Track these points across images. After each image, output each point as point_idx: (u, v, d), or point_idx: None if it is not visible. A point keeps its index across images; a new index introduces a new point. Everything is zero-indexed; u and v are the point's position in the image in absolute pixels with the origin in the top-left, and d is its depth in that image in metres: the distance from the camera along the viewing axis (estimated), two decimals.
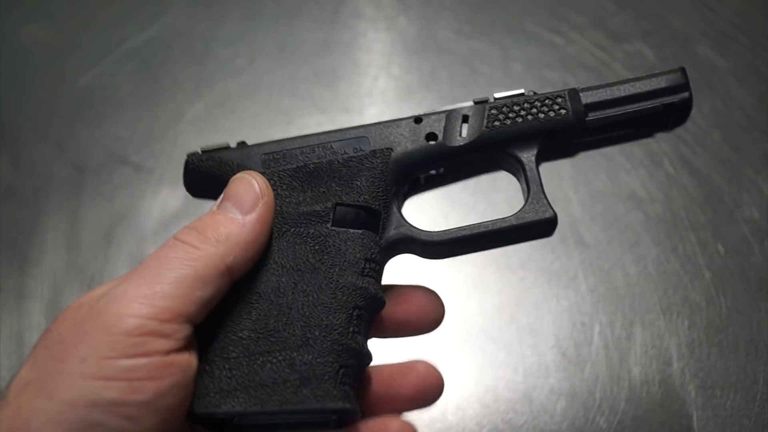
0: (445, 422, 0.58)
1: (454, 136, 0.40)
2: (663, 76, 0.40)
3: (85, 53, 0.80)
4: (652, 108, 0.40)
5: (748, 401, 0.58)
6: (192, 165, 0.41)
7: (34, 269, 0.67)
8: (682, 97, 0.40)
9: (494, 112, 0.40)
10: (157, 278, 0.33)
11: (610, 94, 0.40)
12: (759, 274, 0.63)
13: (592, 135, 0.41)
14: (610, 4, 0.82)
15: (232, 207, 0.37)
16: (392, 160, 0.40)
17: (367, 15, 0.83)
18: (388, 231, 0.39)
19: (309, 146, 0.40)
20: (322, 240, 0.38)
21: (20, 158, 0.73)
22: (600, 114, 0.40)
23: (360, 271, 0.37)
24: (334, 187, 0.39)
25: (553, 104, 0.40)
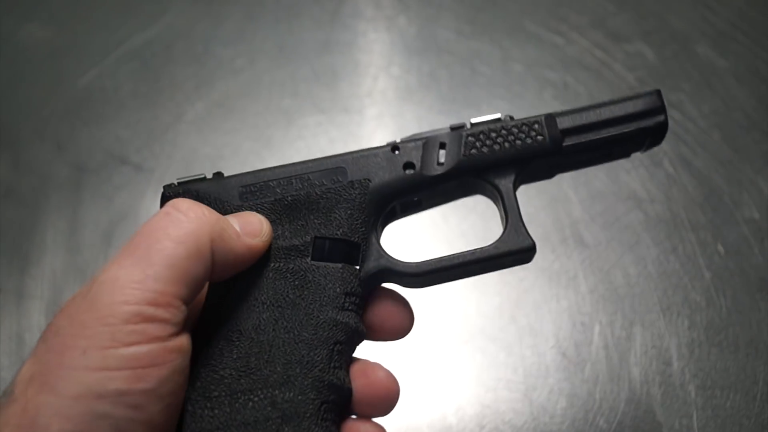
0: (445, 422, 0.58)
1: (431, 165, 0.40)
2: (639, 100, 0.41)
3: (85, 53, 0.80)
4: (628, 132, 0.40)
5: (748, 401, 0.58)
6: (168, 198, 0.40)
7: (34, 269, 0.67)
8: (658, 120, 0.41)
9: (471, 140, 0.40)
10: (148, 259, 0.33)
11: (586, 119, 0.41)
12: (759, 274, 0.63)
13: (568, 158, 0.41)
14: (610, 4, 0.82)
15: (235, 222, 0.37)
16: (370, 191, 0.39)
17: (367, 15, 0.83)
18: (368, 263, 0.39)
19: (286, 178, 0.40)
20: (302, 275, 0.37)
21: (20, 158, 0.73)
22: (576, 139, 0.40)
23: (340, 306, 0.37)
24: (313, 220, 0.39)
25: (530, 131, 0.40)
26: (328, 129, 0.74)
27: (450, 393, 0.59)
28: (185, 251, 0.33)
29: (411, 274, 0.39)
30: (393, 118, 0.75)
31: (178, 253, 0.33)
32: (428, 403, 0.59)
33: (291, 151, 0.73)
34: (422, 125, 0.74)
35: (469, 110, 0.74)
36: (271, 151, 0.73)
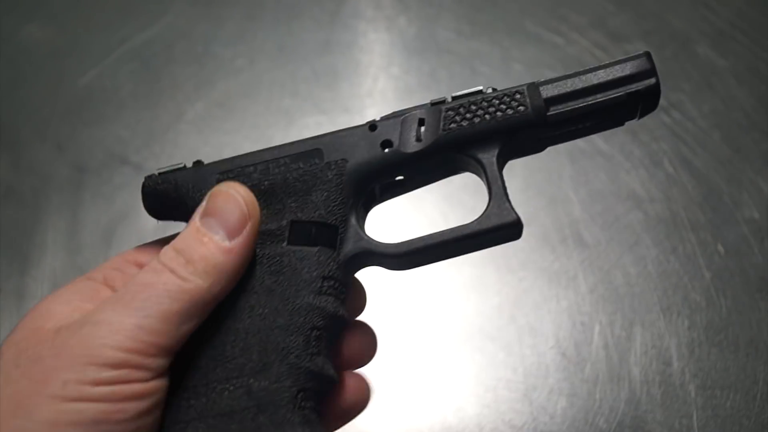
0: (445, 422, 0.58)
1: (410, 142, 0.38)
2: (627, 63, 0.38)
3: (85, 53, 0.80)
4: (616, 98, 0.38)
5: (748, 401, 0.58)
6: (148, 188, 0.39)
7: (34, 270, 0.67)
8: (648, 84, 0.38)
9: (451, 114, 0.39)
10: (144, 309, 0.33)
11: (571, 86, 0.38)
12: (759, 274, 0.63)
13: (555, 129, 0.39)
14: (610, 4, 0.82)
15: (217, 226, 0.36)
16: (347, 172, 0.38)
17: (367, 15, 0.83)
18: (346, 245, 0.38)
19: (262, 162, 0.39)
20: (278, 260, 0.37)
21: (20, 159, 0.73)
22: (562, 108, 0.38)
23: (317, 290, 0.36)
24: (290, 204, 0.38)
25: (512, 101, 0.38)
26: (328, 129, 0.74)
27: (450, 393, 0.59)
28: (182, 308, 0.33)
29: (391, 254, 0.38)
30: None
31: (174, 309, 0.33)
32: (428, 403, 0.59)
33: None
34: None
35: None
36: None
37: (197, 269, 0.34)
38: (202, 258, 0.34)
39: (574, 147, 0.71)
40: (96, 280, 0.38)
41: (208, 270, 0.34)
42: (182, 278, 0.34)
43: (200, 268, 0.34)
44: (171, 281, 0.34)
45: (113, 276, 0.38)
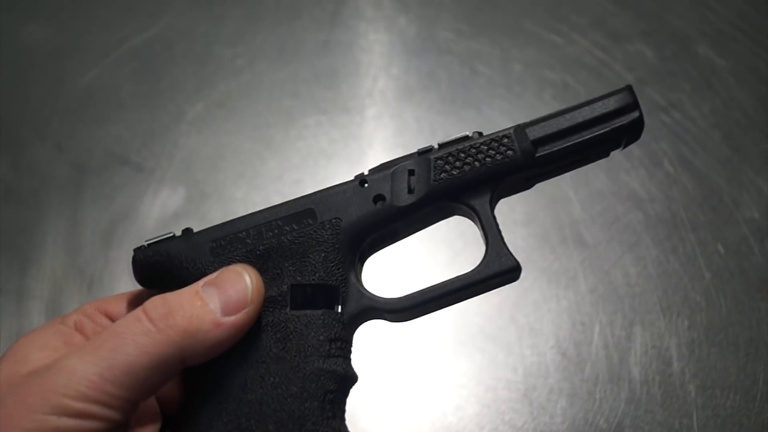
0: (445, 422, 0.58)
1: (402, 195, 0.39)
2: (610, 99, 0.39)
3: (85, 53, 0.80)
4: (602, 134, 0.39)
5: (748, 401, 0.58)
6: (140, 261, 0.39)
7: (35, 270, 0.67)
8: (632, 117, 0.39)
9: (440, 163, 0.39)
10: (109, 359, 0.32)
11: (557, 125, 0.39)
12: (759, 274, 0.63)
13: (544, 168, 0.40)
14: (610, 4, 0.82)
15: (216, 298, 0.35)
16: (342, 230, 0.38)
17: (367, 15, 0.83)
18: (349, 305, 0.38)
19: (255, 227, 0.38)
20: (283, 326, 0.36)
21: (20, 159, 0.73)
22: (549, 148, 0.39)
23: (326, 354, 0.36)
24: (288, 267, 0.37)
25: (500, 146, 0.39)
26: (328, 129, 0.74)
27: (450, 393, 0.59)
28: (149, 362, 0.33)
29: (394, 310, 0.38)
30: (393, 118, 0.75)
31: (141, 362, 0.32)
32: (428, 403, 0.59)
33: (291, 152, 0.73)
34: (422, 125, 0.74)
35: (468, 110, 0.74)
36: (271, 151, 0.73)
37: (177, 324, 0.33)
38: (187, 317, 0.34)
39: None
40: (68, 325, 0.38)
41: (189, 331, 0.34)
42: (157, 328, 0.33)
43: (180, 325, 0.33)
44: (143, 332, 0.33)
45: (83, 322, 0.38)
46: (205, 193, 0.70)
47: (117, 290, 0.65)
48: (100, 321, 0.39)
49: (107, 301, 0.40)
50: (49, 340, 0.36)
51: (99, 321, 0.39)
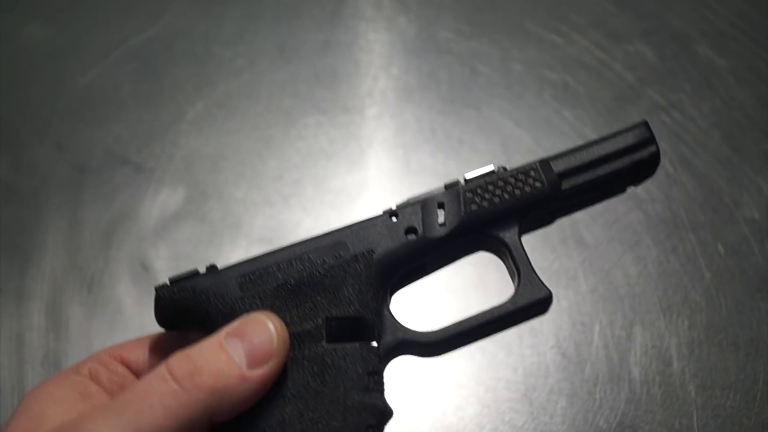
0: (445, 422, 0.58)
1: (433, 227, 0.39)
2: (628, 134, 0.41)
3: (85, 53, 0.80)
4: (622, 167, 0.40)
5: (748, 401, 0.58)
6: (164, 299, 0.38)
7: (34, 270, 0.67)
8: (651, 151, 0.41)
9: (470, 195, 0.40)
10: (135, 421, 0.31)
11: (580, 159, 0.40)
12: (759, 274, 0.63)
13: (567, 201, 0.41)
14: (610, 4, 0.82)
15: (240, 349, 0.33)
16: (375, 262, 0.38)
17: (367, 15, 0.83)
18: (385, 338, 0.38)
19: (285, 261, 0.38)
20: (320, 360, 0.36)
21: (20, 159, 0.73)
22: (574, 181, 0.40)
23: (365, 387, 0.36)
24: (321, 301, 0.37)
25: (527, 178, 0.40)
26: (328, 129, 0.74)
27: (450, 393, 0.59)
28: (177, 425, 0.31)
29: (430, 343, 0.38)
30: (393, 118, 0.75)
31: (168, 425, 0.31)
32: (428, 403, 0.59)
33: (291, 151, 0.73)
34: (422, 125, 0.74)
35: (469, 110, 0.74)
36: (271, 151, 0.73)
37: (203, 383, 0.32)
38: (213, 374, 0.32)
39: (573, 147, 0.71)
40: (82, 374, 0.37)
41: (216, 388, 0.32)
42: (184, 388, 0.32)
43: (207, 384, 0.32)
44: (170, 393, 0.32)
45: (98, 371, 0.37)
46: (205, 193, 0.70)
47: (117, 290, 0.65)
48: (115, 369, 0.38)
49: (123, 347, 0.39)
50: (64, 393, 0.35)
51: (115, 369, 0.37)
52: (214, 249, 0.67)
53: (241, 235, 0.68)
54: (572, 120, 0.73)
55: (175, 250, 0.67)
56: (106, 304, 0.65)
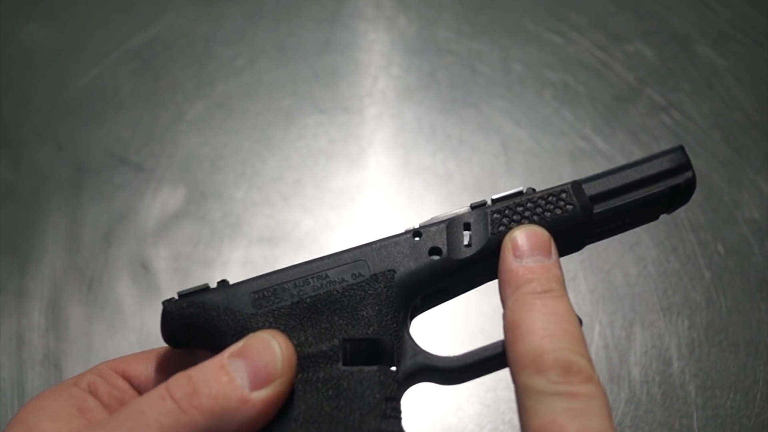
0: (445, 422, 0.58)
1: (459, 248, 0.37)
2: (664, 158, 0.39)
3: (85, 53, 0.80)
4: (657, 192, 0.38)
5: (748, 401, 0.58)
6: (172, 314, 0.36)
7: (34, 269, 0.67)
8: (687, 177, 0.39)
9: (497, 217, 0.38)
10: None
11: (614, 183, 0.38)
12: (759, 274, 0.63)
13: (599, 227, 0.39)
14: (610, 4, 0.82)
15: (243, 370, 0.32)
16: (396, 283, 0.37)
17: (367, 15, 0.83)
18: (404, 362, 0.36)
19: (302, 278, 0.36)
20: (335, 383, 0.34)
21: (20, 158, 0.73)
22: (606, 205, 0.38)
23: (382, 414, 0.33)
24: (338, 321, 0.35)
25: (558, 200, 0.38)
26: (328, 129, 0.74)
27: (450, 393, 0.59)
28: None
29: (452, 369, 0.37)
30: (393, 118, 0.75)
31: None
32: (428, 403, 0.59)
33: (291, 151, 0.73)
34: (422, 125, 0.74)
35: (469, 110, 0.74)
36: (271, 151, 0.73)
37: (202, 405, 0.31)
38: (213, 396, 0.31)
39: (574, 147, 0.71)
40: (81, 387, 0.36)
41: (215, 411, 0.31)
42: (181, 409, 0.31)
43: (206, 406, 0.31)
44: (167, 413, 0.31)
45: (97, 384, 0.36)
46: (205, 192, 0.70)
47: (117, 290, 0.65)
48: (116, 383, 0.37)
49: (125, 360, 0.38)
50: (60, 406, 0.34)
51: (115, 383, 0.37)
52: (214, 249, 0.67)
53: (241, 234, 0.68)
54: (572, 120, 0.73)
55: (175, 249, 0.67)
56: (106, 304, 0.65)
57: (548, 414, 0.29)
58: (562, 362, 0.31)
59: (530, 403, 0.30)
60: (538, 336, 0.32)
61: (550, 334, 0.32)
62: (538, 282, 0.34)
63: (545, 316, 0.33)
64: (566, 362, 0.31)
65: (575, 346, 0.32)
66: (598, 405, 0.30)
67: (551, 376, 0.30)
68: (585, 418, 0.29)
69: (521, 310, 0.33)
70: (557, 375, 0.30)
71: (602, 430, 0.29)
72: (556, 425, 0.29)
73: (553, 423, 0.29)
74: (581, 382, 0.30)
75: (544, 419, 0.29)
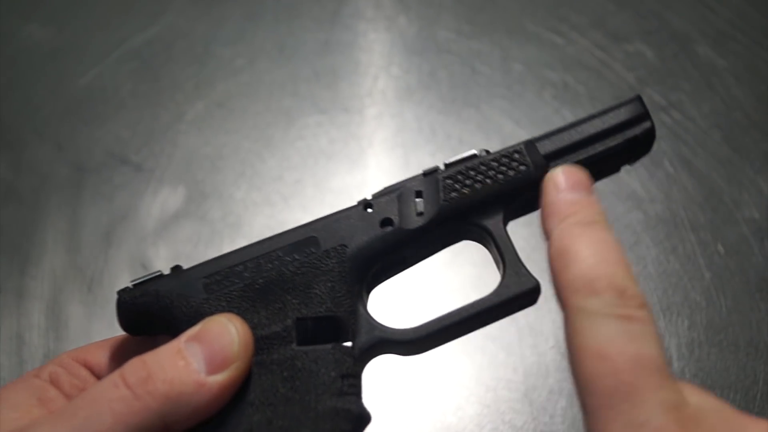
0: (445, 422, 0.58)
1: (410, 217, 0.36)
2: (621, 109, 0.38)
3: (85, 53, 0.80)
4: (615, 145, 0.38)
5: (748, 401, 0.58)
6: (126, 303, 0.36)
7: (34, 269, 0.67)
8: (645, 128, 0.38)
9: (449, 182, 0.37)
10: (82, 428, 0.30)
11: (568, 139, 0.37)
12: (759, 274, 0.63)
13: None
14: (610, 4, 0.82)
15: (199, 354, 0.32)
16: (348, 257, 0.36)
17: (367, 15, 0.83)
18: (360, 338, 0.35)
19: (253, 259, 0.36)
20: (290, 364, 0.33)
21: (20, 158, 0.73)
22: (562, 162, 0.37)
23: (338, 391, 0.33)
24: (291, 300, 0.35)
25: (511, 161, 0.37)
26: (328, 129, 0.74)
27: (450, 393, 0.59)
28: (125, 430, 0.30)
29: (409, 340, 0.36)
30: (393, 118, 0.75)
31: (117, 430, 0.30)
32: (428, 403, 0.59)
33: (291, 151, 0.73)
34: (422, 125, 0.74)
35: (469, 110, 0.74)
36: (271, 151, 0.73)
37: (156, 390, 0.31)
38: (168, 381, 0.31)
39: None
40: (42, 378, 0.36)
41: (170, 396, 0.31)
42: (135, 395, 0.30)
43: (160, 391, 0.31)
44: (120, 399, 0.30)
45: (58, 374, 0.36)
46: (205, 193, 0.70)
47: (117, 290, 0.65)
48: (77, 373, 0.36)
49: (86, 349, 0.38)
50: (22, 398, 0.34)
51: (76, 373, 0.36)
52: (214, 249, 0.67)
53: (241, 234, 0.68)
54: (572, 120, 0.73)
55: (175, 249, 0.67)
56: (106, 304, 0.64)
57: (604, 336, 0.29)
58: (617, 286, 0.30)
59: (585, 324, 0.30)
60: (590, 262, 0.31)
61: (602, 259, 0.31)
62: (584, 213, 0.33)
63: (595, 244, 0.32)
64: (621, 286, 0.30)
65: (627, 272, 0.31)
66: (651, 331, 0.29)
67: (607, 297, 0.30)
68: (641, 341, 0.29)
69: (569, 238, 0.32)
70: (613, 297, 0.30)
71: (656, 356, 0.29)
72: (613, 346, 0.28)
73: (611, 344, 0.29)
74: (637, 307, 0.30)
75: (600, 340, 0.29)
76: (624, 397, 0.27)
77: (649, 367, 0.28)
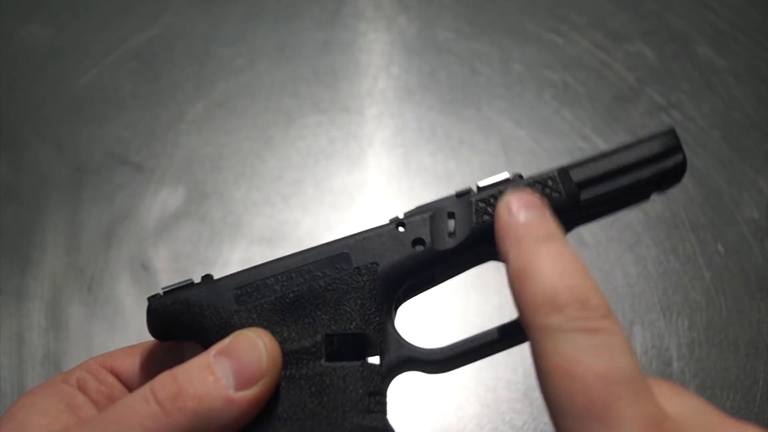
0: (445, 422, 0.58)
1: (443, 238, 0.37)
2: (654, 141, 0.38)
3: (85, 53, 0.80)
4: (646, 177, 0.38)
5: (748, 401, 0.58)
6: (157, 310, 0.36)
7: (34, 270, 0.67)
8: (677, 161, 0.38)
9: (482, 205, 0.37)
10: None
11: (601, 168, 0.38)
12: (759, 274, 0.63)
13: (588, 211, 0.39)
14: (610, 4, 0.82)
15: (228, 369, 0.32)
16: (380, 275, 0.36)
17: (367, 15, 0.83)
18: (388, 356, 0.36)
19: (284, 273, 0.36)
20: (318, 380, 0.34)
21: (20, 158, 0.73)
22: (594, 191, 0.37)
23: (366, 409, 0.34)
24: (321, 316, 0.35)
25: (544, 188, 0.37)
26: (328, 129, 0.74)
27: (450, 393, 0.59)
28: None
29: (436, 361, 0.37)
30: (393, 118, 0.75)
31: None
32: (428, 403, 0.59)
33: (291, 151, 0.73)
34: (422, 125, 0.74)
35: (469, 110, 0.74)
36: (271, 151, 0.73)
37: (186, 407, 0.31)
38: (197, 397, 0.31)
39: (573, 147, 0.71)
40: (70, 383, 0.36)
41: (199, 412, 0.31)
42: (165, 411, 0.31)
43: (189, 407, 0.31)
44: (151, 415, 0.31)
45: (86, 380, 0.36)
46: (205, 193, 0.70)
47: (117, 290, 0.65)
48: (104, 379, 0.37)
49: (113, 355, 0.38)
50: (50, 403, 0.34)
51: (103, 379, 0.37)
52: (214, 249, 0.67)
53: (241, 235, 0.68)
54: (572, 120, 0.73)
55: (175, 250, 0.67)
56: (106, 304, 0.65)
57: (570, 353, 0.28)
58: (579, 297, 0.29)
59: (549, 344, 0.29)
60: (549, 276, 0.30)
61: (561, 272, 0.30)
62: (539, 230, 0.33)
63: (553, 258, 0.31)
64: (583, 298, 0.29)
65: (589, 282, 0.30)
66: (619, 340, 0.28)
67: (569, 312, 0.29)
68: (609, 354, 0.28)
69: (526, 256, 0.31)
70: (575, 311, 0.29)
71: (627, 367, 0.28)
72: (580, 364, 0.27)
73: (578, 361, 0.27)
74: (601, 317, 0.29)
75: (566, 358, 0.28)
76: (598, 417, 0.26)
77: (621, 381, 0.27)
